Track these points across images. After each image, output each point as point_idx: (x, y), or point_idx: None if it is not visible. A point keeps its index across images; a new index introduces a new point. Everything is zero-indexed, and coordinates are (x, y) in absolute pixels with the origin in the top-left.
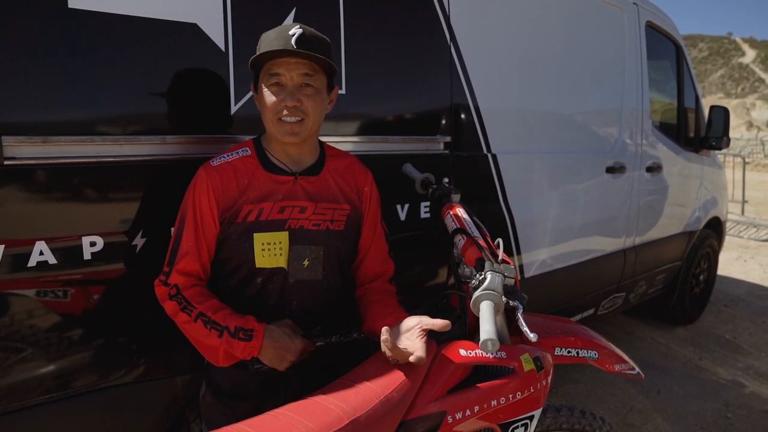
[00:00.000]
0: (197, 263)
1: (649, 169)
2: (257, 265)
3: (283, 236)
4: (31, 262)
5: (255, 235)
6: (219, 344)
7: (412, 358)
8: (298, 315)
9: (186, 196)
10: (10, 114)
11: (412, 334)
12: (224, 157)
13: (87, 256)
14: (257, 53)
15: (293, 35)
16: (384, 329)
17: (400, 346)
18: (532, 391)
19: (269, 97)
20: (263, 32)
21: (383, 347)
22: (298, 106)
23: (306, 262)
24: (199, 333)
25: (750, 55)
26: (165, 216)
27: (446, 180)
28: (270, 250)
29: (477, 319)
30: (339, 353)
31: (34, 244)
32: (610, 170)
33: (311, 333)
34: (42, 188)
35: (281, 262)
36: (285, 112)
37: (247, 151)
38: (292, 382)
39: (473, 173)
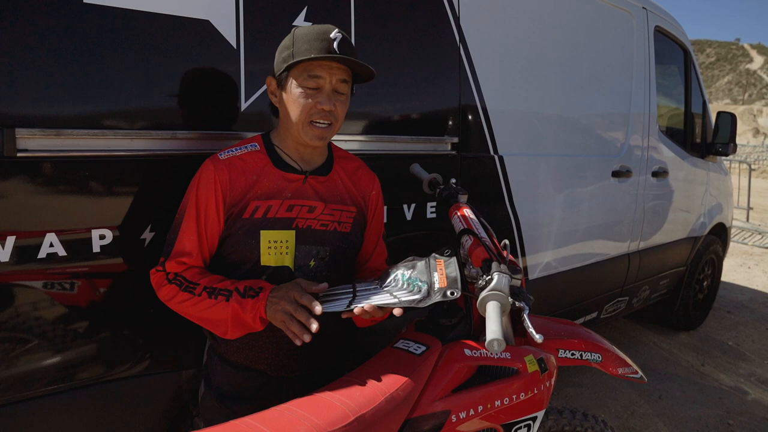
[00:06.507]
0: (198, 258)
1: (654, 174)
2: (262, 263)
3: (290, 235)
4: (41, 254)
5: (262, 232)
6: (225, 310)
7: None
8: None
9: (190, 188)
10: (24, 107)
11: None
12: (232, 150)
13: (96, 249)
14: (295, 51)
15: (335, 39)
16: (356, 309)
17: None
18: (535, 392)
19: (303, 98)
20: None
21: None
22: (332, 111)
23: (312, 263)
24: (203, 306)
25: (758, 61)
26: (173, 211)
27: (453, 181)
28: (276, 249)
29: (482, 320)
30: (342, 356)
31: (44, 235)
32: (616, 174)
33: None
34: (54, 181)
35: (287, 261)
36: (319, 115)
37: (255, 146)
38: (294, 383)
39: (480, 174)
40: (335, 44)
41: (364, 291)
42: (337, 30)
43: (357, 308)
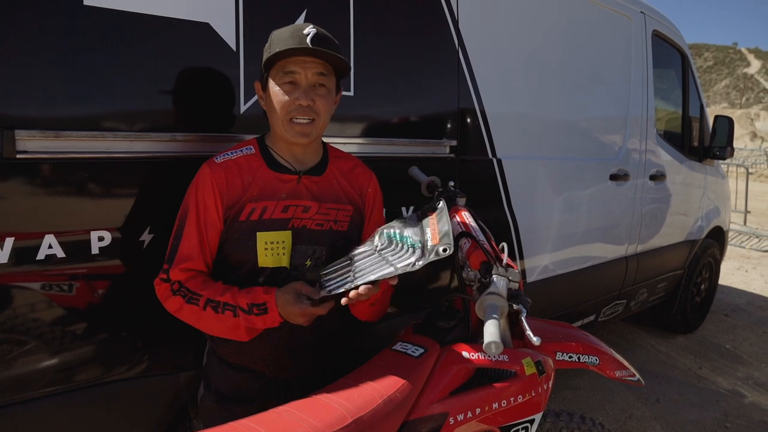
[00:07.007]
0: (201, 262)
1: (652, 178)
2: (259, 264)
3: (286, 235)
4: (40, 255)
5: (258, 233)
6: (237, 322)
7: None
8: None
9: (188, 193)
10: (24, 108)
11: None
12: (228, 154)
13: (95, 250)
14: (271, 51)
15: (308, 34)
16: (352, 294)
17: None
18: (533, 394)
19: (281, 96)
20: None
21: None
22: (311, 106)
23: (309, 262)
24: (212, 319)
25: (755, 65)
26: (172, 213)
27: (452, 183)
28: (273, 249)
29: (480, 322)
30: (340, 357)
31: (43, 237)
32: (613, 177)
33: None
34: (53, 182)
35: (284, 261)
36: (298, 111)
37: (251, 149)
38: (293, 385)
39: (478, 177)
40: (308, 39)
41: (360, 260)
42: (311, 26)
43: (353, 293)
